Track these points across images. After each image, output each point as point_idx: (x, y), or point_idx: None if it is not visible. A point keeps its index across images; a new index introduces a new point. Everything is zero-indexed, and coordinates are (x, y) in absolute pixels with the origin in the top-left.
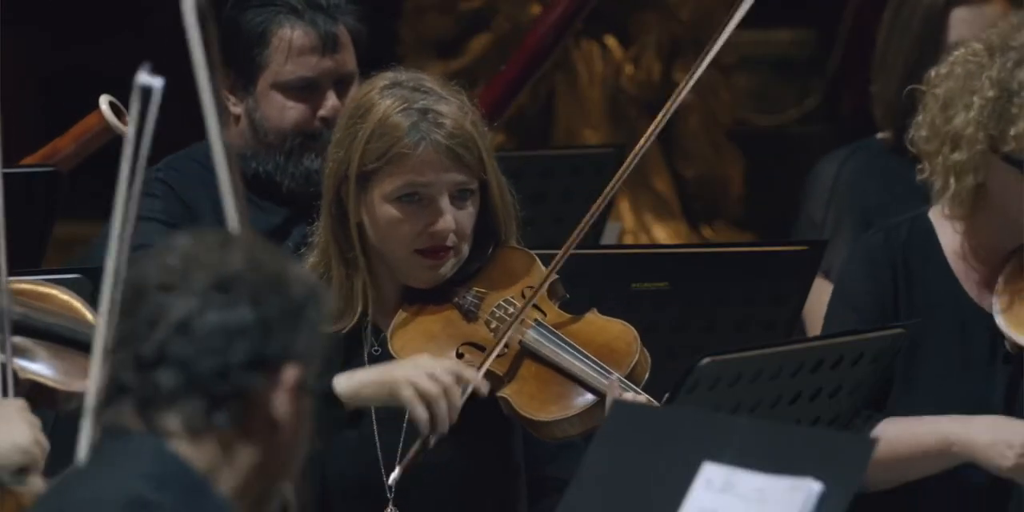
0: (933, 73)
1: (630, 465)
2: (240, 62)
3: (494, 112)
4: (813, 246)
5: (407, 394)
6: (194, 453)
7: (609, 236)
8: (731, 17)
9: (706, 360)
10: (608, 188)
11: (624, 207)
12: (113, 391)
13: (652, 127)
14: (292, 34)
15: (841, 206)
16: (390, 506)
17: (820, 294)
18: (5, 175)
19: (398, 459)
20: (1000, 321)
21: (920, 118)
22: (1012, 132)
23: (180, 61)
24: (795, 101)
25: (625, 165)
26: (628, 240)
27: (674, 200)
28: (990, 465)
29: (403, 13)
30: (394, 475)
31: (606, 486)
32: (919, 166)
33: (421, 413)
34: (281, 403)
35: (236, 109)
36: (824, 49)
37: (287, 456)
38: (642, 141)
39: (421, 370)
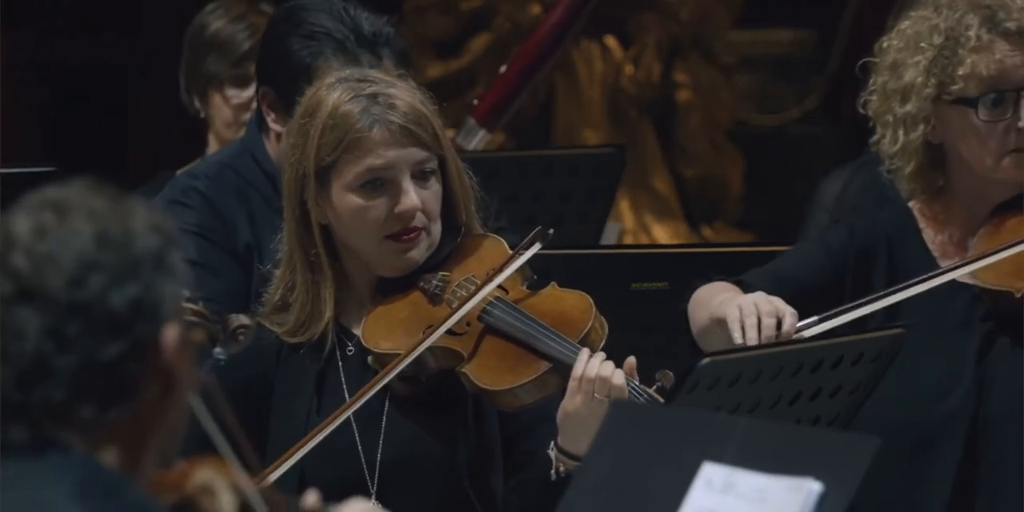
0: (884, 44)
1: (630, 465)
2: (282, 86)
3: (494, 115)
4: None
5: None
6: (102, 452)
7: (609, 236)
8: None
9: (706, 360)
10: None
11: (624, 207)
12: (4, 410)
13: None
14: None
15: None
16: (372, 500)
17: None
18: (5, 175)
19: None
20: (974, 276)
21: (871, 83)
22: (960, 72)
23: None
24: (795, 101)
25: None
26: (628, 240)
27: (674, 200)
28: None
29: (403, 13)
30: None
31: (606, 486)
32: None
33: None
34: (169, 369)
35: (276, 126)
36: (824, 49)
37: (186, 401)
38: None
39: None
